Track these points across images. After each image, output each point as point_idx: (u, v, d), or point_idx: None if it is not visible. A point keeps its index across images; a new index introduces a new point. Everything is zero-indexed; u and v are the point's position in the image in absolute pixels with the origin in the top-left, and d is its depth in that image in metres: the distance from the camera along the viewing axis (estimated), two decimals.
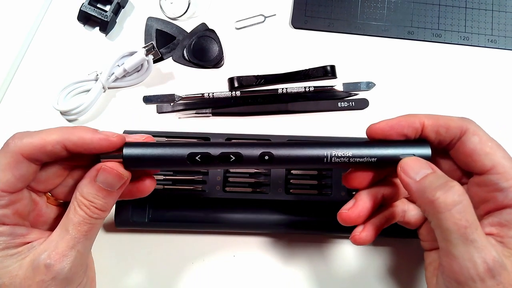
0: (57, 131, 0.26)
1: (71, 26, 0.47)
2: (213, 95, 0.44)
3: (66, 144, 0.26)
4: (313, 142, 0.29)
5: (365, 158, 0.28)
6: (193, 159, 0.27)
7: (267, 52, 0.47)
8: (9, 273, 0.26)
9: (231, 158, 0.28)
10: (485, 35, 0.48)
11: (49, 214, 0.30)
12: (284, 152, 0.28)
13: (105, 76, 0.43)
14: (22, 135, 0.26)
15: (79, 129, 0.27)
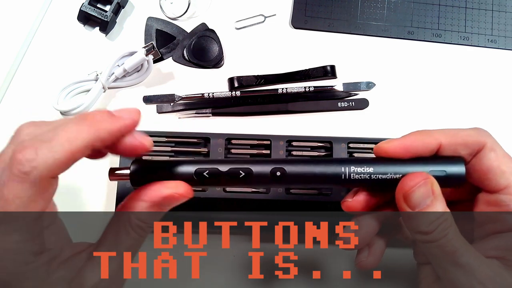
0: (80, 132, 0.21)
1: (71, 26, 0.47)
2: (213, 95, 0.44)
3: (96, 145, 0.22)
4: (330, 159, 0.27)
5: (389, 174, 0.25)
6: (200, 175, 0.26)
7: (267, 52, 0.47)
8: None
9: (240, 174, 0.26)
10: (485, 35, 0.48)
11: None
12: (297, 168, 0.26)
13: (105, 76, 0.43)
14: (37, 152, 0.20)
15: (99, 119, 0.22)
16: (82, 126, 0.21)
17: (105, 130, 0.22)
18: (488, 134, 0.27)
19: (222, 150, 0.40)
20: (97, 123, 0.22)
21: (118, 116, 0.23)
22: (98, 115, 0.22)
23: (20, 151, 0.20)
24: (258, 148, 0.41)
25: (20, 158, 0.20)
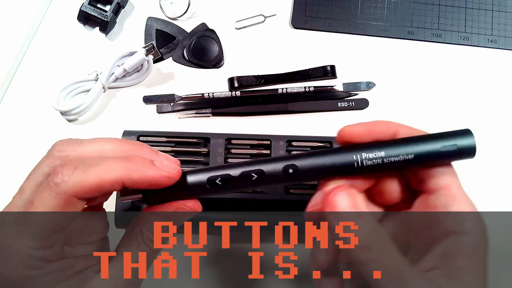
0: (115, 167, 0.23)
1: (71, 26, 0.47)
2: (213, 95, 0.44)
3: (126, 182, 0.23)
4: (339, 148, 0.26)
5: (401, 156, 0.24)
6: (213, 182, 0.26)
7: (267, 52, 0.47)
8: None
9: (253, 176, 0.25)
10: (485, 35, 0.48)
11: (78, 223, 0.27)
12: (309, 162, 0.25)
13: (105, 76, 0.43)
14: (74, 172, 0.22)
15: (139, 164, 0.24)
16: (121, 163, 0.23)
17: (138, 174, 0.23)
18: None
19: (222, 150, 0.40)
20: (135, 166, 0.23)
21: (157, 168, 0.24)
22: (139, 159, 0.24)
23: (62, 165, 0.23)
24: (258, 148, 0.41)
25: (58, 170, 0.22)
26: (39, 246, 0.23)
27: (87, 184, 0.22)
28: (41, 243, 0.23)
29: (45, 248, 0.23)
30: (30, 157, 0.43)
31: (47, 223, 0.22)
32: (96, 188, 0.22)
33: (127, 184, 0.23)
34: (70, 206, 0.23)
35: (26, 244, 0.22)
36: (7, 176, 0.42)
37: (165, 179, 0.24)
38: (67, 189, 0.22)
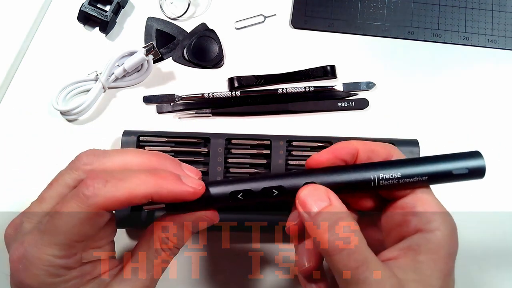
0: (145, 182, 0.24)
1: (71, 26, 0.47)
2: (213, 95, 0.44)
3: (154, 197, 0.24)
4: (357, 166, 0.27)
5: (416, 177, 0.26)
6: (235, 197, 0.27)
7: (267, 52, 0.47)
8: None
9: (274, 192, 0.27)
10: (485, 35, 0.48)
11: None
12: (328, 179, 0.26)
13: (105, 76, 0.43)
14: (105, 185, 0.23)
15: (167, 179, 0.24)
16: (150, 179, 0.24)
17: (167, 190, 0.24)
18: (396, 148, 0.28)
19: (222, 150, 0.40)
20: (163, 182, 0.24)
21: (184, 184, 0.25)
22: (168, 175, 0.25)
23: (93, 178, 0.23)
24: (258, 148, 0.41)
25: (89, 183, 0.23)
26: (62, 255, 0.23)
27: (118, 198, 0.23)
28: (65, 253, 0.23)
29: (67, 257, 0.23)
30: (30, 157, 0.43)
31: (74, 234, 0.23)
32: (126, 202, 0.23)
33: (155, 199, 0.24)
34: (99, 218, 0.23)
35: (50, 253, 0.23)
36: (7, 176, 0.42)
37: (190, 195, 0.25)
38: (98, 202, 0.23)
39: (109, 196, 0.23)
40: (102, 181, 0.23)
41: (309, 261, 0.28)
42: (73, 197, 0.23)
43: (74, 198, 0.23)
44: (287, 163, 0.40)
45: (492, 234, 0.42)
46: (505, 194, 0.43)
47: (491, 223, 0.42)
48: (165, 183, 0.24)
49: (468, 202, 0.42)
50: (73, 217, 0.23)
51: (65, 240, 0.23)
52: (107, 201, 0.23)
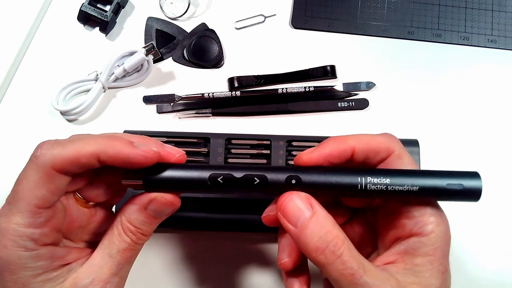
0: (92, 142, 0.24)
1: (71, 26, 0.47)
2: (213, 95, 0.44)
3: (101, 156, 0.24)
4: (346, 168, 0.26)
5: (405, 186, 0.25)
6: (215, 180, 0.26)
7: (267, 52, 0.47)
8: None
9: (255, 180, 0.26)
10: (485, 35, 0.48)
11: (81, 219, 0.28)
12: (313, 177, 0.25)
13: (105, 76, 0.43)
14: (52, 146, 0.24)
15: (116, 141, 0.24)
16: (96, 139, 0.24)
17: (114, 150, 0.24)
18: (397, 140, 0.27)
19: (222, 150, 0.40)
20: (112, 143, 0.24)
21: (133, 146, 0.24)
22: (117, 138, 0.25)
23: (44, 142, 0.24)
24: (258, 148, 0.41)
25: (39, 146, 0.24)
26: (27, 223, 0.23)
27: (64, 156, 0.23)
28: (29, 220, 0.23)
29: (33, 226, 0.24)
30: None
31: (32, 197, 0.23)
32: (73, 160, 0.23)
33: (103, 159, 0.24)
34: (51, 178, 0.23)
35: (15, 221, 0.23)
36: (7, 176, 0.42)
37: (140, 158, 0.24)
38: (45, 161, 0.23)
39: (55, 155, 0.23)
40: (51, 142, 0.24)
41: (290, 256, 0.27)
42: (28, 162, 0.24)
43: (28, 163, 0.24)
44: (287, 163, 0.40)
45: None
46: (506, 194, 0.43)
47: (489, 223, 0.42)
48: (114, 143, 0.24)
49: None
50: (29, 181, 0.23)
51: (26, 206, 0.23)
52: (54, 159, 0.23)
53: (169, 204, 0.26)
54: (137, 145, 0.25)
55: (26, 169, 0.24)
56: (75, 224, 0.27)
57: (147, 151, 0.25)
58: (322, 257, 0.23)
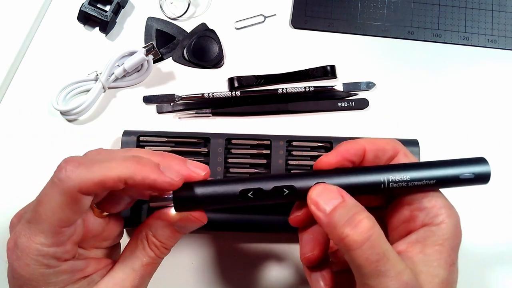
0: (119, 165, 0.23)
1: (71, 26, 0.47)
2: (213, 95, 0.44)
3: (128, 182, 0.24)
4: (367, 168, 0.27)
5: (424, 181, 0.26)
6: (245, 195, 0.26)
7: (267, 52, 0.47)
8: None
9: (284, 192, 0.26)
10: (485, 35, 0.48)
11: (96, 228, 0.27)
12: (339, 180, 0.26)
13: (105, 76, 0.43)
14: (78, 168, 0.23)
15: (144, 166, 0.24)
16: (125, 163, 0.24)
17: (141, 176, 0.24)
18: (401, 144, 0.29)
19: (222, 150, 0.40)
20: (140, 168, 0.24)
21: (160, 172, 0.24)
22: (145, 161, 0.24)
23: (66, 162, 0.23)
24: (258, 148, 0.41)
25: (62, 166, 0.23)
26: (50, 243, 0.23)
27: (90, 179, 0.23)
28: (52, 240, 0.23)
29: (56, 245, 0.23)
30: (30, 157, 0.43)
31: (56, 219, 0.23)
32: (99, 184, 0.23)
33: (130, 184, 0.23)
34: (76, 201, 0.23)
35: (38, 241, 0.23)
36: (7, 176, 0.42)
37: (166, 185, 0.24)
38: (71, 185, 0.22)
39: (82, 178, 0.22)
40: (75, 163, 0.23)
41: (313, 250, 0.28)
42: (49, 183, 0.23)
43: (50, 184, 0.23)
44: (287, 163, 0.40)
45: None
46: (508, 193, 0.43)
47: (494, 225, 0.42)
48: (142, 169, 0.24)
49: (471, 201, 0.42)
50: (52, 203, 0.23)
51: (49, 227, 0.23)
52: (80, 184, 0.22)
53: (197, 222, 0.26)
54: (163, 169, 0.25)
55: (49, 191, 0.23)
56: (89, 234, 0.27)
57: (174, 178, 0.25)
58: (350, 238, 0.23)
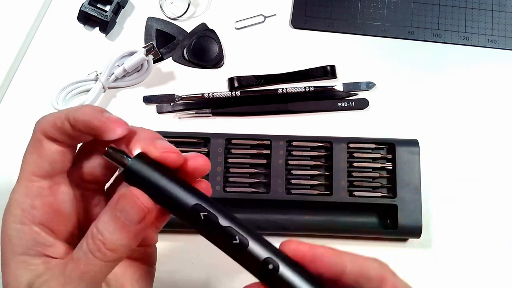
0: (69, 109, 0.24)
1: (71, 26, 0.47)
2: (213, 95, 0.44)
3: (70, 120, 0.23)
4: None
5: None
6: (196, 213, 0.22)
7: (267, 52, 0.47)
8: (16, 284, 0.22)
9: (235, 239, 0.22)
10: (485, 35, 0.48)
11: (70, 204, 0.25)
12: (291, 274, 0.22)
13: (105, 76, 0.43)
14: (43, 116, 0.24)
15: (85, 106, 0.24)
16: (73, 107, 0.24)
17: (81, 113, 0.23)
18: (388, 267, 0.24)
19: (222, 150, 0.40)
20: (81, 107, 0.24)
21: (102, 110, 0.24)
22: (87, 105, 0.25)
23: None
24: (258, 148, 0.41)
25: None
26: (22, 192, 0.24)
27: (47, 119, 0.24)
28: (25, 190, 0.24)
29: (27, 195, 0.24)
30: None
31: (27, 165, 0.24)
32: (52, 123, 0.24)
33: (72, 122, 0.23)
34: (40, 143, 0.24)
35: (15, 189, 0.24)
36: (7, 176, 0.42)
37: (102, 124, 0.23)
38: (35, 127, 0.24)
39: (42, 121, 0.24)
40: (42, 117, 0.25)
41: None
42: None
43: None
44: (287, 163, 0.40)
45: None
46: (508, 193, 0.43)
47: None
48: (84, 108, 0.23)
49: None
50: (26, 150, 0.25)
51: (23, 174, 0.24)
52: (41, 124, 0.24)
53: (133, 203, 0.22)
54: (107, 114, 0.23)
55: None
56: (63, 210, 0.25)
57: (112, 120, 0.23)
58: None
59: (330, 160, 0.41)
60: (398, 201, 0.39)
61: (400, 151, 0.41)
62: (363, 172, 0.41)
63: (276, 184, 0.40)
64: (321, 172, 0.41)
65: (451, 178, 0.43)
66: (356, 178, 0.41)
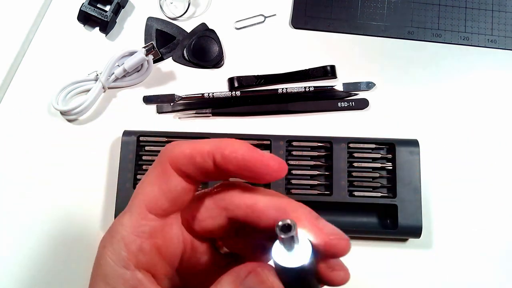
0: (210, 142, 0.21)
1: (71, 26, 0.47)
2: (213, 95, 0.44)
3: (216, 157, 0.21)
4: None
5: None
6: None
7: (267, 52, 0.47)
8: None
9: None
10: (485, 35, 0.48)
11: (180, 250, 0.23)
12: None
13: (105, 76, 0.43)
14: (174, 145, 0.22)
15: (235, 142, 0.21)
16: (217, 140, 0.22)
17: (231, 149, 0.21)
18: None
19: None
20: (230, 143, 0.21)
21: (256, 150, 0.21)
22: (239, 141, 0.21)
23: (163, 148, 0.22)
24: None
25: (161, 151, 0.22)
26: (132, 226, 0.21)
27: (182, 152, 0.21)
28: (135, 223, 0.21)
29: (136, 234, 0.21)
30: (30, 157, 0.43)
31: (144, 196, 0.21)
32: (188, 157, 0.21)
33: (218, 160, 0.21)
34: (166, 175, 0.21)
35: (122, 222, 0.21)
36: (7, 176, 0.42)
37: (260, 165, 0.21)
38: (163, 157, 0.21)
39: (175, 151, 0.21)
40: (172, 145, 0.22)
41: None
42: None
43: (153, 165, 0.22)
44: (287, 163, 0.40)
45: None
46: (508, 193, 0.43)
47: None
48: (231, 143, 0.21)
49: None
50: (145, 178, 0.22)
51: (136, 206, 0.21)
52: (173, 156, 0.21)
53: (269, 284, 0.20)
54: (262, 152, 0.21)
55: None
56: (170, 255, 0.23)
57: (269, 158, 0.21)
58: None
59: (330, 160, 0.41)
60: (398, 201, 0.39)
61: (400, 151, 0.41)
62: (363, 172, 0.41)
63: (276, 184, 0.40)
64: (321, 172, 0.41)
65: (451, 178, 0.43)
66: (356, 178, 0.41)
